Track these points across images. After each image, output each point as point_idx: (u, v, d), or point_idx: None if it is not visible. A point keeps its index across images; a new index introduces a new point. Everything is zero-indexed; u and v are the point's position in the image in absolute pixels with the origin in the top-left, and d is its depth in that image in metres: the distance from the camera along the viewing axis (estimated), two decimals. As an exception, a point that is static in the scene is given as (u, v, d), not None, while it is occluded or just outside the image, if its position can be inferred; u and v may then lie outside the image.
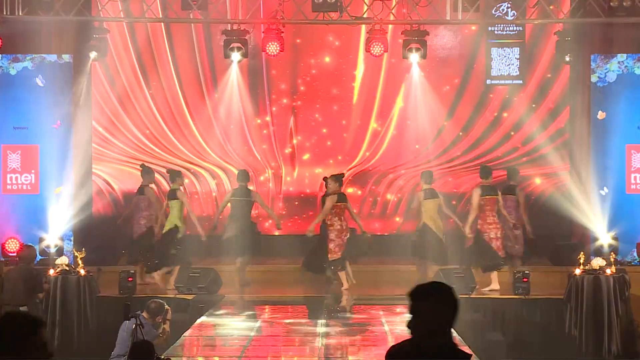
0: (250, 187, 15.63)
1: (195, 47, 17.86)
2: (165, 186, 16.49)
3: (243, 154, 17.97)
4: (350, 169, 17.97)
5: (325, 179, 15.09)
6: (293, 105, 18.08)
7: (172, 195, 14.64)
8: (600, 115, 15.51)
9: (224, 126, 17.81)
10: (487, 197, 14.38)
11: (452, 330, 4.32)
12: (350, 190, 17.69)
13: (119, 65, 17.69)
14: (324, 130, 18.12)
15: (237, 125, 17.86)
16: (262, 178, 18.03)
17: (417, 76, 17.07)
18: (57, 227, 15.30)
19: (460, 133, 17.88)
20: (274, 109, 18.01)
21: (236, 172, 15.91)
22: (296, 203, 18.08)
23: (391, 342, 10.66)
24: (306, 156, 18.16)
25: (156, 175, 15.97)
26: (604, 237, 15.03)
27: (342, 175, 15.49)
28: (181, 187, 14.85)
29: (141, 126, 17.86)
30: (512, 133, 17.78)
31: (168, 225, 14.53)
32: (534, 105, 17.59)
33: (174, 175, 14.95)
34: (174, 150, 17.90)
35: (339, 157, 18.12)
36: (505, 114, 17.80)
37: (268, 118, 18.05)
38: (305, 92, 18.09)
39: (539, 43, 17.39)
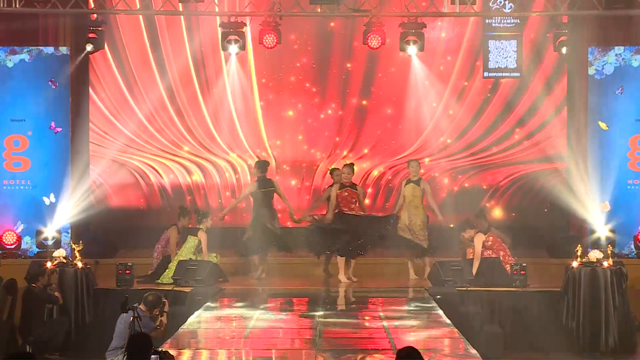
0: (270, 178, 15.42)
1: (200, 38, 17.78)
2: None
3: (256, 146, 17.94)
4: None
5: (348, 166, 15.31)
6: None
7: (194, 232, 14.67)
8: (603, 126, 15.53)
9: (230, 117, 17.77)
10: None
11: None
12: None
13: (128, 51, 17.57)
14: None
15: (245, 117, 17.83)
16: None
17: (416, 68, 17.05)
18: (55, 219, 15.30)
19: (464, 126, 17.85)
20: (267, 97, 17.98)
21: (253, 161, 15.71)
22: (307, 197, 18.00)
23: (388, 336, 10.67)
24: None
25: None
26: (602, 230, 15.03)
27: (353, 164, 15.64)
28: (205, 229, 14.69)
29: (148, 114, 17.74)
30: (514, 126, 17.73)
31: (180, 257, 14.38)
32: (537, 99, 17.54)
33: (201, 217, 14.87)
34: (178, 142, 17.84)
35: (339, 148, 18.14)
36: (507, 108, 17.73)
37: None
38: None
39: (545, 37, 17.27)
